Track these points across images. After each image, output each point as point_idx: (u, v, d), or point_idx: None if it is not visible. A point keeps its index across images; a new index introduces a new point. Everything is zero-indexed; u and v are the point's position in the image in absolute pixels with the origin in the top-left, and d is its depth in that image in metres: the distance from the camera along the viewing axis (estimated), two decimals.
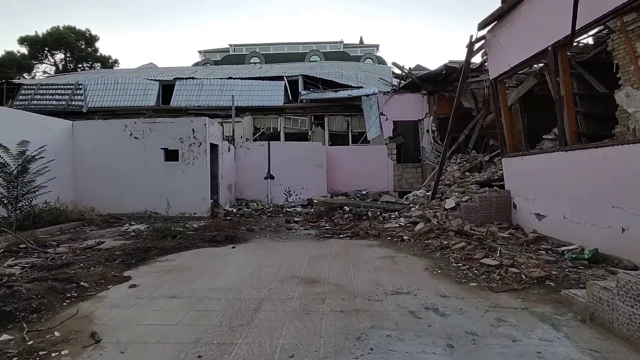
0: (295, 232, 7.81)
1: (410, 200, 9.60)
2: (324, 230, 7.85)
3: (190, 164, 10.18)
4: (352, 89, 17.55)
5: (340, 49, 35.36)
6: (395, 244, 6.43)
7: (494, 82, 7.87)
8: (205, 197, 10.13)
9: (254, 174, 13.08)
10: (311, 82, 18.57)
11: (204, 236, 7.13)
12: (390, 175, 13.71)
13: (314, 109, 17.29)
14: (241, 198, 13.15)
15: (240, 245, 6.51)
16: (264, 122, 17.57)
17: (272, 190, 13.10)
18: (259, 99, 17.45)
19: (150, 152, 10.24)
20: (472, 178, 9.09)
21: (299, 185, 13.12)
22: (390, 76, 19.67)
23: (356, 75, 20.09)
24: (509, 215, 7.74)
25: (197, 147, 10.16)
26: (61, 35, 30.34)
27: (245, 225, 8.73)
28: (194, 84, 18.20)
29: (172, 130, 10.22)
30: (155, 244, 6.41)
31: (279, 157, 13.13)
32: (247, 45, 36.11)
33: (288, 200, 13.07)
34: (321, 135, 17.01)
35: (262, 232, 7.92)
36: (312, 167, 13.16)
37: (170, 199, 10.14)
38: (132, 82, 18.51)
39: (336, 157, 13.79)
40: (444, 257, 5.39)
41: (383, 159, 13.72)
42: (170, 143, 10.23)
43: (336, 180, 13.65)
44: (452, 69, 11.98)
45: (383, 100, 14.00)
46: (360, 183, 13.64)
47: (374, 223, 8.06)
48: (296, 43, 35.94)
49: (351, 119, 17.24)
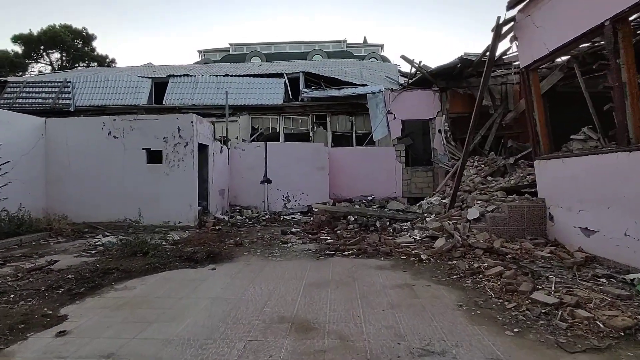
0: (291, 247, 6.64)
1: (425, 209, 8.41)
2: (325, 244, 6.68)
3: (175, 166, 9.05)
4: (356, 87, 16.43)
5: (344, 48, 34.29)
6: (412, 265, 5.24)
7: (526, 71, 6.69)
8: (191, 204, 9.00)
9: (249, 178, 11.94)
10: (313, 79, 17.46)
11: (183, 252, 5.97)
12: (398, 180, 12.53)
13: (315, 108, 16.17)
14: (235, 204, 12.01)
15: (223, 266, 5.35)
16: (262, 122, 16.47)
17: (269, 195, 11.95)
18: (257, 97, 16.36)
19: (131, 153, 9.13)
20: (496, 184, 7.91)
21: (298, 190, 11.97)
22: (396, 74, 18.52)
23: (360, 73, 18.99)
24: (543, 229, 6.54)
25: (183, 147, 9.03)
26: (56, 34, 29.47)
27: (234, 238, 7.57)
28: (189, 81, 17.14)
29: (155, 129, 9.10)
30: (119, 264, 5.27)
31: (277, 159, 11.99)
32: (248, 44, 35.12)
33: (286, 207, 11.91)
34: (323, 136, 15.86)
35: (253, 246, 6.76)
36: (313, 170, 12.01)
37: (153, 206, 9.01)
38: (123, 79, 17.49)
39: (339, 160, 12.64)
40: (478, 286, 4.20)
41: (391, 162, 12.55)
42: (153, 143, 9.11)
43: (339, 185, 12.49)
44: (467, 61, 10.82)
45: (391, 97, 12.84)
46: (365, 188, 12.47)
47: (384, 236, 6.89)
48: (298, 42, 34.92)
49: (355, 118, 16.10)
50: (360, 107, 15.78)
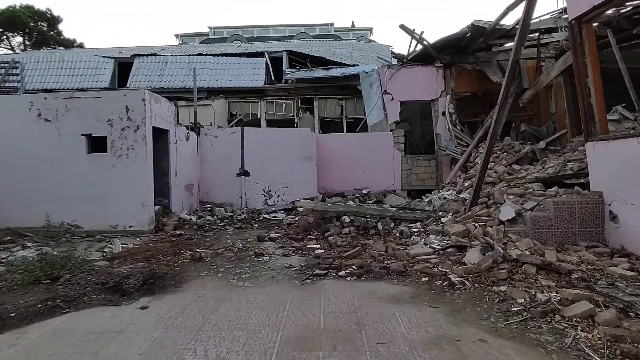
0: (267, 262, 4.92)
1: (437, 206, 6.78)
2: (314, 257, 4.98)
3: (124, 156, 7.18)
4: (346, 67, 14.65)
5: (331, 31, 32.30)
6: (442, 293, 3.58)
7: (577, 24, 5.04)
8: (145, 204, 7.16)
9: (223, 170, 10.13)
10: (298, 60, 15.59)
11: (112, 276, 4.19)
12: (397, 170, 10.88)
13: (301, 91, 14.34)
14: (207, 201, 10.19)
15: (162, 300, 3.60)
16: (241, 106, 14.58)
17: (248, 190, 10.17)
18: (235, 79, 14.44)
19: (67, 141, 7.22)
20: (527, 173, 6.30)
21: (281, 184, 10.21)
22: (389, 56, 16.74)
23: (350, 54, 17.18)
24: (600, 232, 4.98)
25: (132, 132, 7.16)
26: (14, 14, 26.68)
27: (195, 247, 5.81)
28: (157, 61, 15.09)
29: (98, 110, 7.20)
30: (0, 301, 3.48)
31: (256, 147, 10.19)
32: (229, 27, 32.81)
33: (267, 203, 10.16)
34: (310, 122, 14.08)
35: (216, 261, 5.01)
36: (298, 160, 10.26)
37: (97, 207, 7.16)
38: (81, 60, 15.31)
39: (329, 148, 10.91)
40: (565, 341, 2.56)
41: (388, 150, 10.88)
42: (95, 127, 7.21)
43: (329, 177, 10.78)
44: (479, 30, 9.15)
45: (387, 75, 11.12)
46: (359, 180, 10.79)
47: (391, 244, 5.22)
48: (282, 25, 32.77)
49: (346, 102, 14.34)
50: (351, 90, 14.01)
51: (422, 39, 10.29)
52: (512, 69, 5.73)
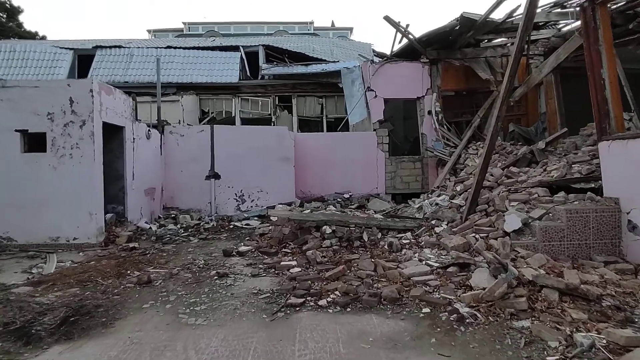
0: (232, 286, 4.03)
1: (428, 213, 6.05)
2: (289, 278, 4.12)
3: (67, 156, 6.11)
4: (327, 63, 13.90)
5: (311, 30, 31.50)
6: (450, 331, 2.80)
7: (591, 6, 4.41)
8: (93, 212, 6.11)
9: (191, 172, 9.11)
10: (275, 55, 14.72)
11: (25, 311, 3.21)
12: (380, 173, 10.15)
13: (278, 88, 13.46)
14: (172, 206, 9.15)
15: (79, 351, 2.66)
16: (214, 104, 13.55)
17: (218, 194, 9.19)
18: (207, 73, 13.41)
19: None
20: (527, 176, 5.66)
21: (255, 188, 9.30)
22: (371, 54, 16.08)
23: (331, 51, 16.45)
24: (617, 244, 4.36)
25: (78, 128, 6.10)
26: None
27: (148, 265, 4.86)
28: (121, 54, 13.87)
29: (36, 101, 6.10)
30: None
31: (228, 147, 9.24)
32: (204, 23, 31.51)
33: (240, 209, 9.21)
34: (288, 121, 13.22)
35: (168, 285, 4.08)
36: (274, 161, 9.37)
37: (34, 216, 6.06)
38: (35, 50, 13.90)
39: (308, 149, 10.07)
40: None
41: (371, 151, 10.14)
42: (32, 122, 6.11)
43: (308, 180, 9.94)
44: (469, 22, 8.54)
45: (371, 71, 10.37)
46: (341, 183, 10.00)
47: (380, 261, 4.42)
48: (260, 22, 31.75)
49: (326, 100, 13.57)
50: (332, 87, 13.25)
51: (407, 32, 9.61)
52: (517, 58, 5.06)
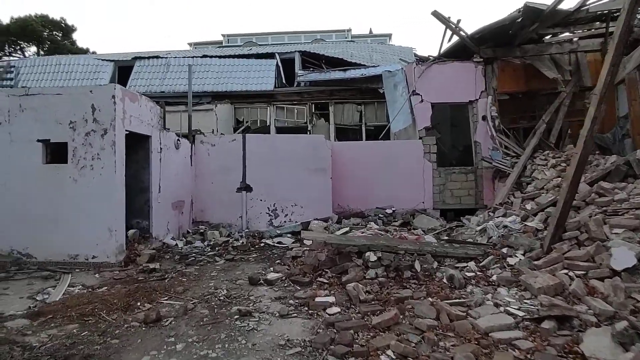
0: (254, 332, 3.23)
1: (495, 237, 4.97)
2: (325, 325, 3.26)
3: (87, 167, 5.68)
4: (366, 68, 13.08)
5: (348, 38, 30.90)
6: None
7: None
8: (113, 228, 5.60)
9: (221, 184, 8.56)
10: (312, 62, 14.10)
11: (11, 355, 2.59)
12: (428, 185, 9.09)
13: (315, 95, 12.81)
14: (202, 220, 8.62)
15: None
16: (248, 112, 13.12)
17: (249, 208, 8.56)
18: (242, 82, 13.02)
19: (20, 148, 5.77)
20: (627, 194, 4.45)
21: (289, 201, 8.56)
22: (412, 58, 15.04)
23: (370, 56, 15.61)
24: None
25: (99, 137, 5.66)
26: (26, 23, 26.33)
27: (164, 293, 4.20)
28: (158, 64, 13.85)
29: (58, 109, 5.75)
30: None
31: (261, 157, 8.61)
32: (242, 35, 31.78)
33: (273, 224, 8.51)
34: (325, 130, 12.50)
35: (180, 325, 3.36)
36: (310, 172, 8.61)
37: (54, 231, 5.65)
38: (78, 63, 14.26)
39: (347, 159, 9.23)
40: None
41: (417, 161, 9.12)
42: (54, 131, 5.75)
43: (347, 193, 9.08)
44: (533, 14, 7.38)
45: (416, 73, 9.40)
46: (382, 197, 9.04)
47: (441, 302, 3.45)
48: (297, 32, 31.58)
49: (365, 107, 12.74)
50: (371, 93, 12.42)
51: (458, 29, 8.58)
52: (623, 40, 3.94)
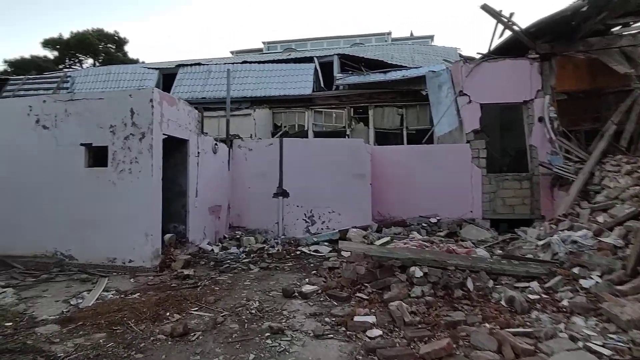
0: (286, 355, 2.90)
1: (562, 254, 4.33)
2: (365, 350, 2.87)
3: (126, 171, 5.69)
4: (407, 69, 12.54)
5: (389, 41, 30.32)
6: None
7: None
8: (149, 233, 5.55)
9: (258, 189, 8.41)
10: (351, 64, 13.79)
11: None
12: (476, 193, 8.40)
13: (354, 99, 12.45)
14: (239, 226, 8.50)
15: None
16: (286, 117, 13.00)
17: (286, 214, 8.32)
18: (281, 86, 12.94)
19: (64, 152, 5.91)
20: None
21: (327, 207, 8.24)
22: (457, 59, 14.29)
23: (411, 58, 15.06)
24: None
25: (137, 141, 5.66)
26: (84, 37, 28.28)
27: (195, 303, 4.00)
28: (200, 71, 14.15)
29: (100, 114, 5.83)
30: None
31: (298, 162, 8.37)
32: (282, 42, 32.15)
33: (309, 231, 8.21)
34: (364, 134, 12.08)
35: (207, 341, 3.11)
36: (348, 178, 8.24)
37: (94, 234, 5.70)
38: (126, 72, 14.93)
39: (387, 164, 8.77)
40: None
41: (464, 166, 8.47)
42: (95, 135, 5.83)
43: (387, 200, 8.60)
44: (602, 0, 6.57)
45: (463, 72, 8.78)
46: (426, 204, 8.47)
47: (503, 332, 2.94)
48: (337, 37, 31.43)
49: (407, 110, 12.18)
50: (413, 96, 11.86)
51: (511, 23, 7.88)
52: None
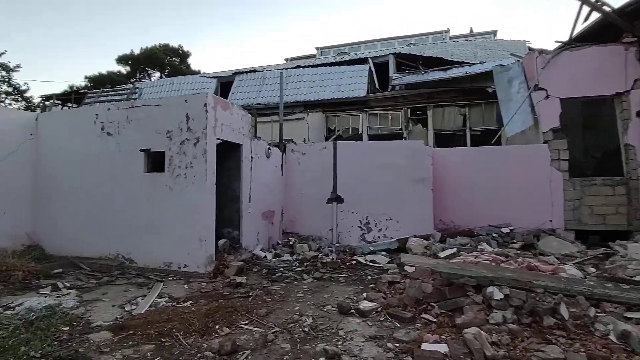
0: None
1: None
2: None
3: (182, 176, 5.68)
4: (470, 66, 11.62)
5: (446, 39, 28.89)
6: None
7: None
8: (203, 238, 5.48)
9: (311, 195, 8.14)
10: (407, 63, 13.13)
11: None
12: (557, 200, 7.37)
13: (411, 99, 11.79)
14: (292, 232, 8.29)
15: None
16: (340, 121, 12.68)
17: (340, 220, 7.95)
18: (334, 89, 12.67)
19: (126, 157, 6.08)
20: None
21: (383, 214, 7.72)
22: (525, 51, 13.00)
23: (474, 54, 14.04)
24: None
25: (192, 146, 5.64)
26: (152, 52, 30.49)
27: (245, 315, 3.76)
28: (255, 77, 14.36)
29: (157, 119, 5.91)
30: None
31: (352, 166, 7.97)
32: (335, 46, 32.08)
33: (365, 239, 7.75)
34: (422, 136, 11.36)
35: (256, 359, 2.81)
36: (407, 183, 7.66)
37: (151, 238, 5.77)
38: (187, 82, 15.66)
39: (450, 167, 8.04)
40: None
41: (542, 170, 7.48)
42: (154, 140, 5.92)
43: (450, 208, 7.86)
44: None
45: (539, 64, 7.80)
46: (495, 213, 7.60)
47: None
48: (391, 38, 30.67)
49: (470, 109, 11.27)
50: (477, 94, 10.96)
51: (600, 4, 6.83)
52: None
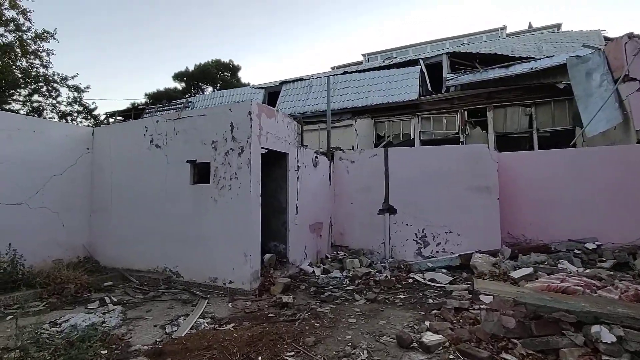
0: None
1: None
2: None
3: (226, 187, 5.46)
4: (536, 60, 10.49)
5: (503, 37, 27.04)
6: None
7: None
8: (248, 253, 5.19)
9: (362, 205, 7.62)
10: (462, 62, 12.23)
11: None
12: None
13: (468, 101, 10.92)
14: (342, 244, 7.81)
15: None
16: (390, 126, 12.08)
17: (393, 233, 7.33)
18: (383, 94, 12.11)
19: (174, 169, 6.02)
20: None
21: (442, 227, 6.99)
22: (601, 42, 11.51)
23: (538, 48, 12.76)
24: None
25: (236, 156, 5.41)
26: (205, 68, 31.90)
27: (290, 345, 3.34)
28: (302, 86, 14.22)
29: (203, 130, 5.78)
30: None
31: (406, 174, 7.35)
32: (382, 52, 31.39)
33: (422, 254, 7.05)
34: (482, 140, 10.43)
35: None
36: (468, 191, 6.88)
37: (198, 252, 5.61)
38: (236, 94, 15.96)
39: (518, 174, 7.12)
40: None
41: (637, 175, 6.35)
42: (199, 151, 5.79)
43: (520, 219, 6.93)
44: None
45: (629, 50, 6.69)
46: (576, 225, 6.55)
47: None
48: (441, 39, 29.35)
49: (536, 109, 10.17)
50: (544, 91, 9.90)
51: None
52: None
